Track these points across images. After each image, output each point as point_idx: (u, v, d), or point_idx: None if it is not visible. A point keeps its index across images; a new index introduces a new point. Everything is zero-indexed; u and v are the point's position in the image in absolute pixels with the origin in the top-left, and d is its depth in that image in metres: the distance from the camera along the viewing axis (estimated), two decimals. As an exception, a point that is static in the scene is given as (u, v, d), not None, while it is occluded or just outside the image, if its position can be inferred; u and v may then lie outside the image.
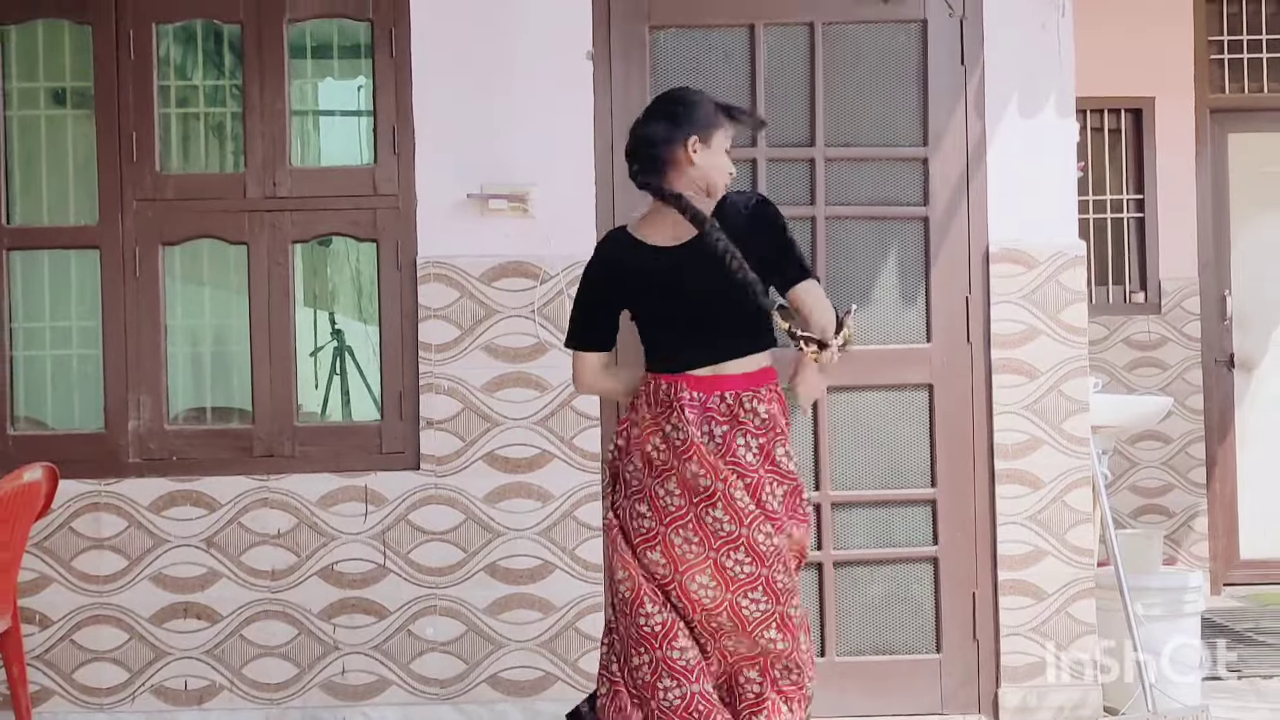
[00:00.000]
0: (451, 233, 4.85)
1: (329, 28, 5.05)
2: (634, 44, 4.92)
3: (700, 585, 3.46)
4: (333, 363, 5.54)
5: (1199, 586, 5.15)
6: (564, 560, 4.85)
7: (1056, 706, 4.89)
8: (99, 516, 4.82)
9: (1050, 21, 4.93)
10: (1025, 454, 4.92)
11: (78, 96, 5.05)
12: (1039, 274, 4.92)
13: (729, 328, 3.55)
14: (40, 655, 4.79)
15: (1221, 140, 7.51)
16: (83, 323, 4.99)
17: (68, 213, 5.03)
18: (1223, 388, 7.53)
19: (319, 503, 4.83)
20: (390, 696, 4.82)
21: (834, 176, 4.95)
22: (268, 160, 4.88)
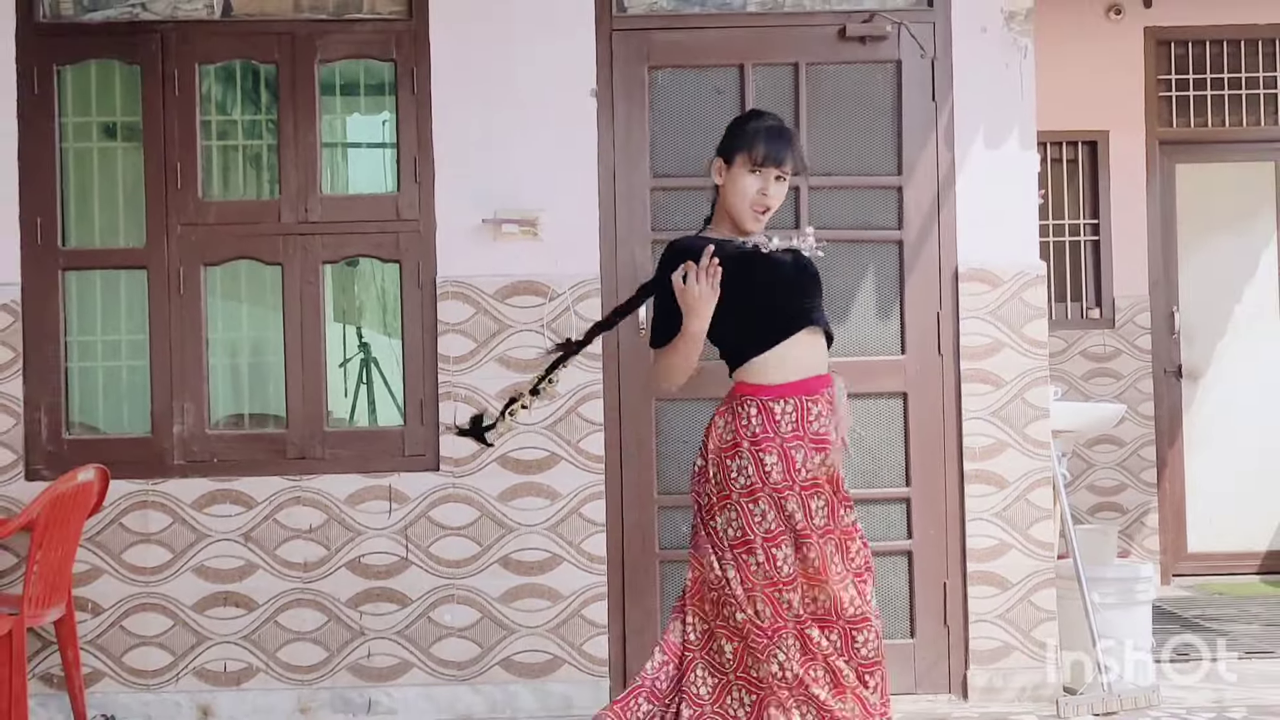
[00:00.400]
0: (468, 254, 4.86)
1: (356, 68, 5.05)
2: (635, 83, 4.94)
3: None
4: (360, 373, 5.52)
5: (1150, 577, 5.15)
6: (571, 553, 4.85)
7: (1020, 686, 4.88)
8: (146, 513, 4.82)
9: (1013, 62, 4.94)
10: (991, 456, 4.92)
11: (127, 130, 5.04)
12: (1004, 292, 4.93)
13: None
14: (92, 640, 4.79)
15: (1170, 170, 7.52)
16: (131, 336, 4.98)
17: (118, 236, 5.03)
18: (1171, 396, 7.53)
19: (347, 501, 4.84)
20: (412, 678, 4.82)
21: (816, 203, 4.96)
22: (300, 188, 4.89)
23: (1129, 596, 5.01)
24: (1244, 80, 7.49)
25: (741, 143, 3.29)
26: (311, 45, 4.90)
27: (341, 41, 4.92)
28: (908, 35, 4.94)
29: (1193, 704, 4.75)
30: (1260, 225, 7.55)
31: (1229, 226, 7.54)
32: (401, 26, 4.91)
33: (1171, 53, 7.50)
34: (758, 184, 3.27)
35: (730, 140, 3.33)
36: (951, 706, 4.84)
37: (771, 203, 3.29)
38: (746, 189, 3.28)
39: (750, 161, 3.26)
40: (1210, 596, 7.00)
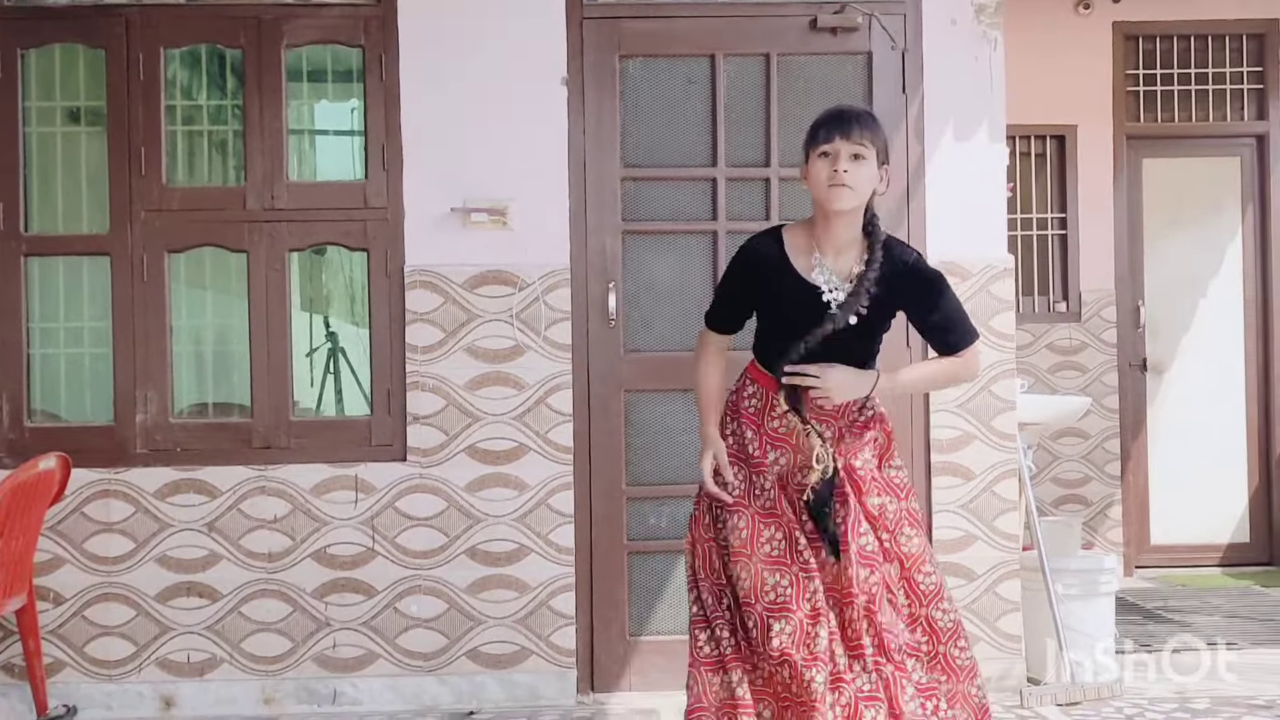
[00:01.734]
0: (436, 243, 4.86)
1: (323, 53, 5.03)
2: (605, 72, 4.94)
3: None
4: (326, 362, 5.50)
5: (1113, 569, 5.19)
6: (538, 544, 4.86)
7: (984, 677, 4.84)
8: (108, 502, 4.80)
9: (983, 55, 4.96)
10: (958, 448, 4.96)
11: (91, 115, 5.01)
12: (972, 285, 4.96)
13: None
14: (54, 630, 4.77)
15: (1137, 165, 7.58)
16: (94, 323, 4.96)
17: (81, 222, 5.00)
18: (1136, 389, 7.59)
19: (313, 491, 4.83)
20: (378, 669, 4.83)
21: (787, 194, 4.97)
22: (267, 175, 4.88)
23: (1092, 588, 5.05)
24: (1211, 75, 7.56)
25: (807, 137, 3.33)
26: (278, 30, 4.88)
27: (309, 26, 4.90)
28: (878, 27, 4.96)
29: (1155, 694, 4.79)
30: (1226, 220, 7.62)
31: (1195, 221, 7.61)
32: (370, 12, 4.89)
33: (1139, 47, 7.56)
34: (828, 165, 3.24)
35: (805, 140, 3.35)
36: (917, 697, 4.88)
37: (847, 179, 3.22)
38: (818, 174, 3.27)
39: (815, 147, 3.28)
40: (1173, 588, 7.07)
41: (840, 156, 3.22)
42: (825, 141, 3.24)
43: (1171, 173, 7.60)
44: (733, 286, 3.45)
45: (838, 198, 3.23)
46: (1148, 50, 7.57)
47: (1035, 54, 7.01)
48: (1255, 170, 7.59)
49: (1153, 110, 7.58)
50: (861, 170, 3.24)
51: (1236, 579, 7.28)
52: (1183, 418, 7.60)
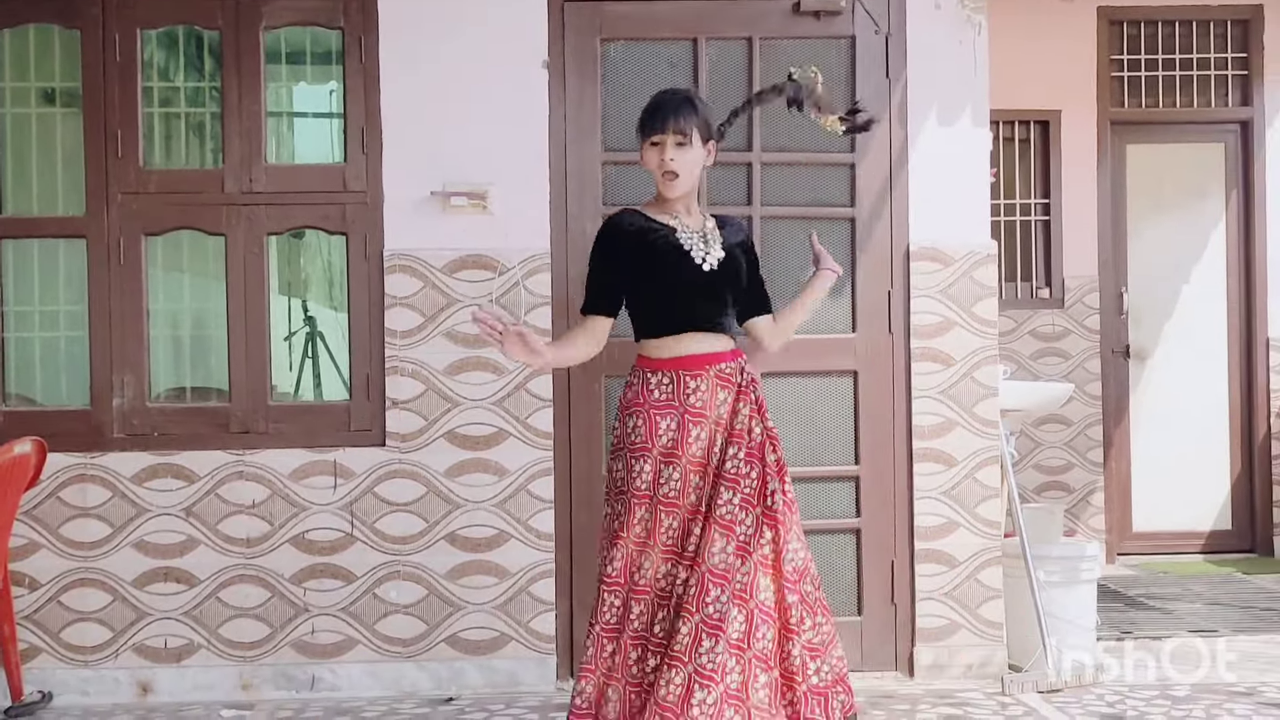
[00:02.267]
0: (416, 227, 4.84)
1: (302, 35, 5.01)
2: (587, 55, 4.93)
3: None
4: (305, 346, 5.49)
5: (1095, 556, 5.21)
6: (518, 530, 4.86)
7: (966, 664, 4.94)
8: (85, 487, 4.79)
9: (967, 39, 4.96)
10: (940, 435, 4.97)
11: (66, 96, 4.99)
12: (955, 271, 4.97)
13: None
14: (29, 615, 4.75)
15: (1121, 151, 7.60)
16: (70, 307, 4.94)
17: (56, 204, 4.98)
18: (1119, 376, 7.62)
19: (291, 476, 4.82)
20: (357, 655, 4.82)
21: (769, 180, 4.98)
22: (245, 158, 4.85)
23: (1074, 575, 5.07)
24: (1195, 61, 7.57)
25: (638, 126, 3.67)
26: (257, 11, 4.85)
27: (287, 8, 4.88)
28: (862, 11, 4.96)
29: (1136, 682, 4.82)
30: (1209, 206, 7.64)
31: (1179, 207, 7.64)
32: (349, -7, 4.87)
33: (1124, 32, 7.57)
34: (657, 155, 3.62)
35: (636, 126, 3.69)
36: (898, 684, 4.90)
37: (675, 168, 3.61)
38: (650, 162, 3.66)
39: (644, 137, 3.65)
40: (1155, 575, 7.11)
41: (666, 146, 3.60)
42: (652, 133, 3.61)
43: (1156, 159, 7.63)
44: (606, 262, 3.69)
45: (670, 185, 3.64)
46: (1132, 35, 7.58)
47: (1020, 38, 7.01)
48: (1239, 156, 7.61)
49: (1137, 96, 7.60)
50: (686, 155, 3.61)
51: (1219, 566, 7.32)
52: (1165, 404, 7.64)
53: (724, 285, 3.68)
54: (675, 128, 3.59)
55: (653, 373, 3.64)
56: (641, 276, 3.65)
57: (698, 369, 3.61)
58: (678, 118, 3.61)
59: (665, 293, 3.64)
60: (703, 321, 3.65)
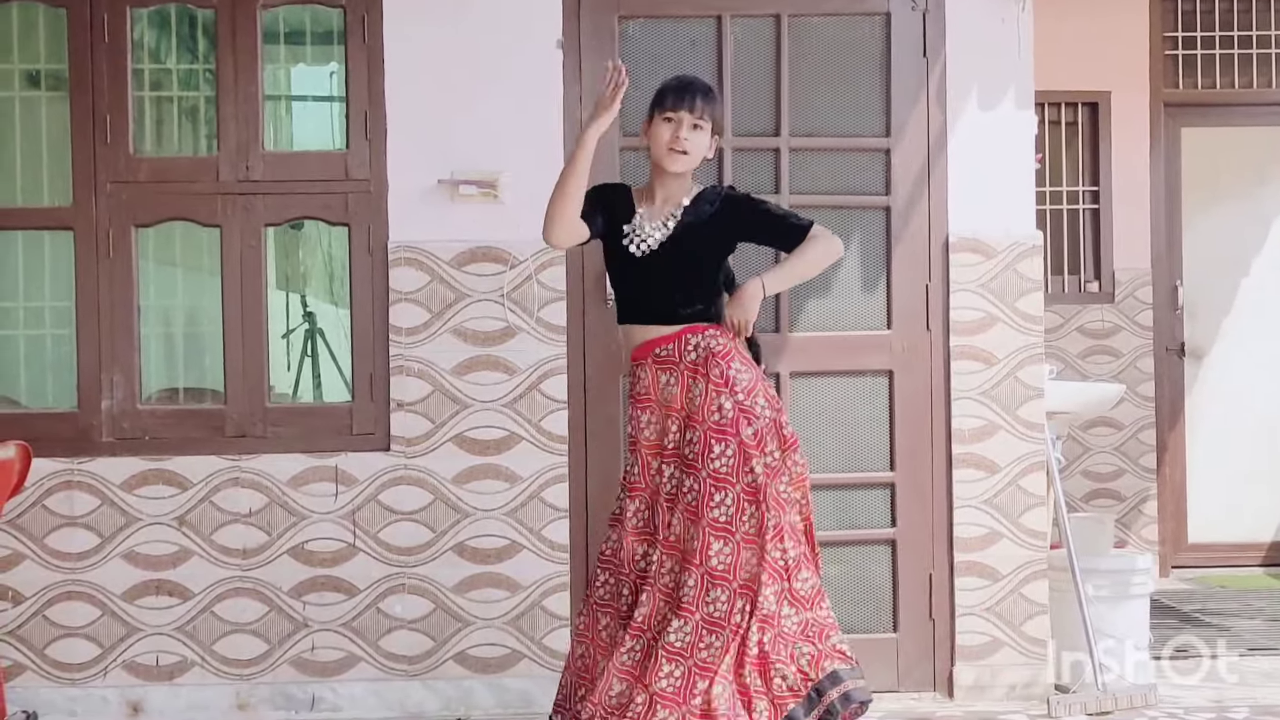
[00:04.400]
0: (422, 218, 4.84)
1: (302, 14, 5.01)
2: (603, 34, 4.90)
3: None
4: (304, 345, 5.51)
5: (1148, 569, 5.19)
6: (531, 540, 4.84)
7: (1009, 684, 4.91)
8: (72, 494, 4.79)
9: (1010, 15, 4.93)
10: (982, 439, 4.94)
11: (52, 79, 5.01)
12: (997, 263, 4.94)
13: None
14: (12, 631, 4.76)
15: (1175, 134, 7.58)
16: (56, 303, 4.95)
17: (42, 194, 5.00)
18: (1173, 376, 7.60)
19: (290, 482, 4.82)
20: (359, 673, 4.81)
21: (798, 166, 4.96)
22: (241, 144, 4.85)
23: (1125, 590, 5.05)
24: (1255, 39, 7.54)
25: (655, 99, 3.89)
26: (253, -12, 4.87)
27: (286, -16, 4.89)
28: (898, -15, 4.95)
29: (1191, 704, 4.78)
30: (1270, 194, 7.63)
31: (1237, 195, 7.62)
32: (352, -31, 4.88)
33: (1179, 8, 7.54)
34: (672, 129, 3.84)
35: (651, 101, 3.91)
36: (936, 705, 4.87)
37: (687, 146, 3.83)
38: (659, 136, 3.86)
39: (661, 111, 3.85)
40: (1211, 590, 7.08)
41: (683, 125, 3.83)
42: (672, 109, 3.84)
43: (1213, 142, 7.60)
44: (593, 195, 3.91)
45: (675, 161, 3.86)
46: (1187, 11, 7.55)
47: (1066, 15, 6.95)
48: (1303, 140, 7.57)
49: (1193, 75, 7.57)
50: (698, 139, 3.85)
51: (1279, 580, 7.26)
52: (1223, 406, 7.61)
53: (665, 267, 3.86)
54: (697, 109, 3.83)
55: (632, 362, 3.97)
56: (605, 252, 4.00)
57: (641, 358, 3.90)
58: (703, 101, 3.85)
59: (614, 284, 4.01)
60: (644, 312, 3.90)
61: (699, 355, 3.82)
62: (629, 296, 3.94)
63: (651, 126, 3.89)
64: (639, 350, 3.89)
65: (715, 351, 3.81)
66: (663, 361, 3.84)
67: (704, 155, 3.91)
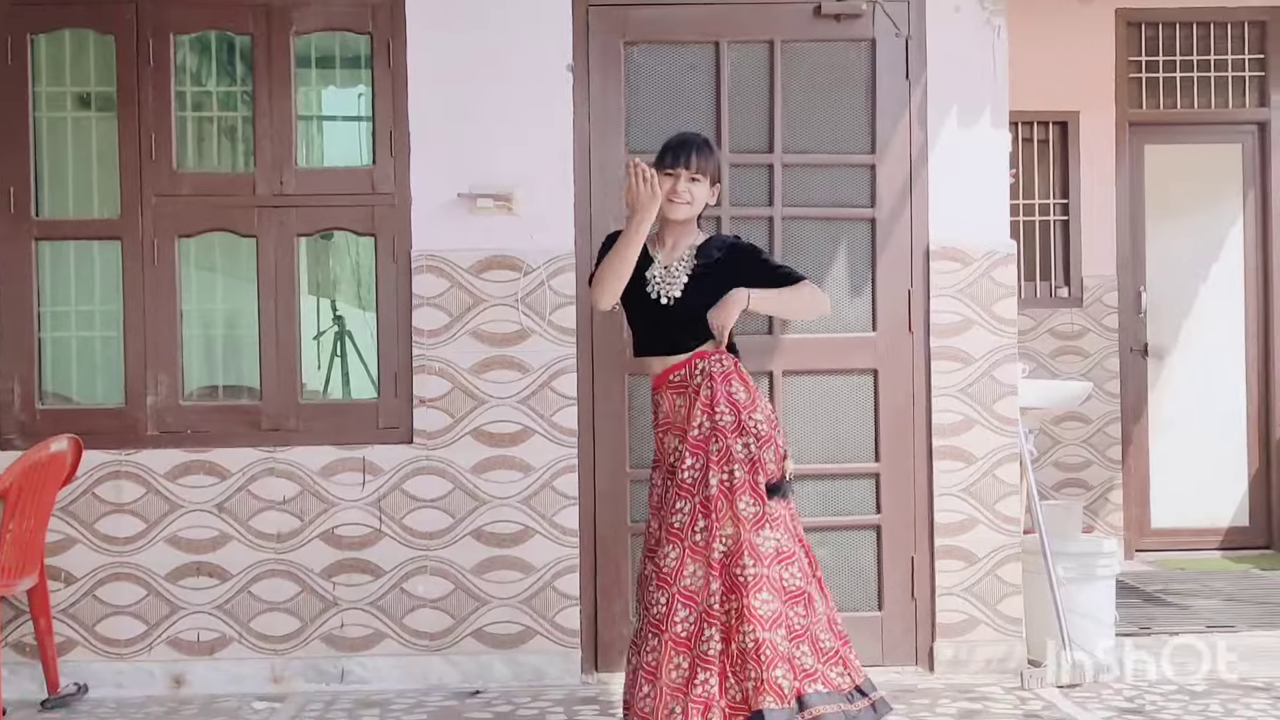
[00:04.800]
0: (443, 229, 4.88)
1: (332, 40, 5.05)
2: (611, 58, 4.96)
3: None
4: (334, 346, 5.52)
5: (1114, 552, 5.21)
6: (543, 526, 4.90)
7: (985, 659, 4.96)
8: (119, 484, 4.84)
9: (986, 42, 4.97)
10: (960, 432, 4.98)
11: (101, 100, 5.03)
12: (974, 270, 4.98)
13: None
14: (65, 609, 4.81)
15: (1139, 151, 7.57)
16: (105, 307, 4.98)
17: (92, 207, 5.03)
18: (1137, 374, 7.59)
19: (321, 472, 4.87)
20: (385, 648, 4.86)
21: (790, 180, 5.00)
22: (275, 161, 4.90)
23: (1093, 571, 5.07)
24: (1213, 62, 7.54)
25: (658, 156, 3.87)
26: (287, 17, 4.90)
27: (317, 13, 4.93)
28: (882, 14, 4.97)
29: (1154, 677, 4.82)
30: (1227, 206, 7.62)
31: (1196, 207, 7.61)
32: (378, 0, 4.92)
33: (1142, 34, 7.54)
34: (671, 183, 3.82)
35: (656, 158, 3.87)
36: (918, 678, 4.92)
37: (686, 197, 3.83)
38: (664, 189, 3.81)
39: (662, 168, 3.83)
40: (1172, 572, 7.09)
41: (681, 178, 3.82)
42: (670, 166, 3.84)
43: (1173, 159, 7.60)
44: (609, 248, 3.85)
45: (678, 210, 3.84)
46: (1150, 37, 7.55)
47: (1038, 40, 6.96)
48: (1256, 157, 7.59)
49: (1155, 97, 7.57)
50: (697, 190, 3.84)
51: (1236, 563, 7.29)
52: (1183, 402, 7.61)
53: (685, 313, 3.83)
54: (694, 165, 3.83)
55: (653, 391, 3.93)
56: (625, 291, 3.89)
57: (660, 386, 3.88)
58: (699, 157, 3.86)
59: (634, 321, 3.94)
60: (664, 347, 3.87)
61: (703, 378, 3.79)
62: (650, 334, 3.88)
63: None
64: (658, 380, 3.86)
65: (714, 374, 3.77)
66: (676, 386, 3.82)
67: (706, 202, 3.90)
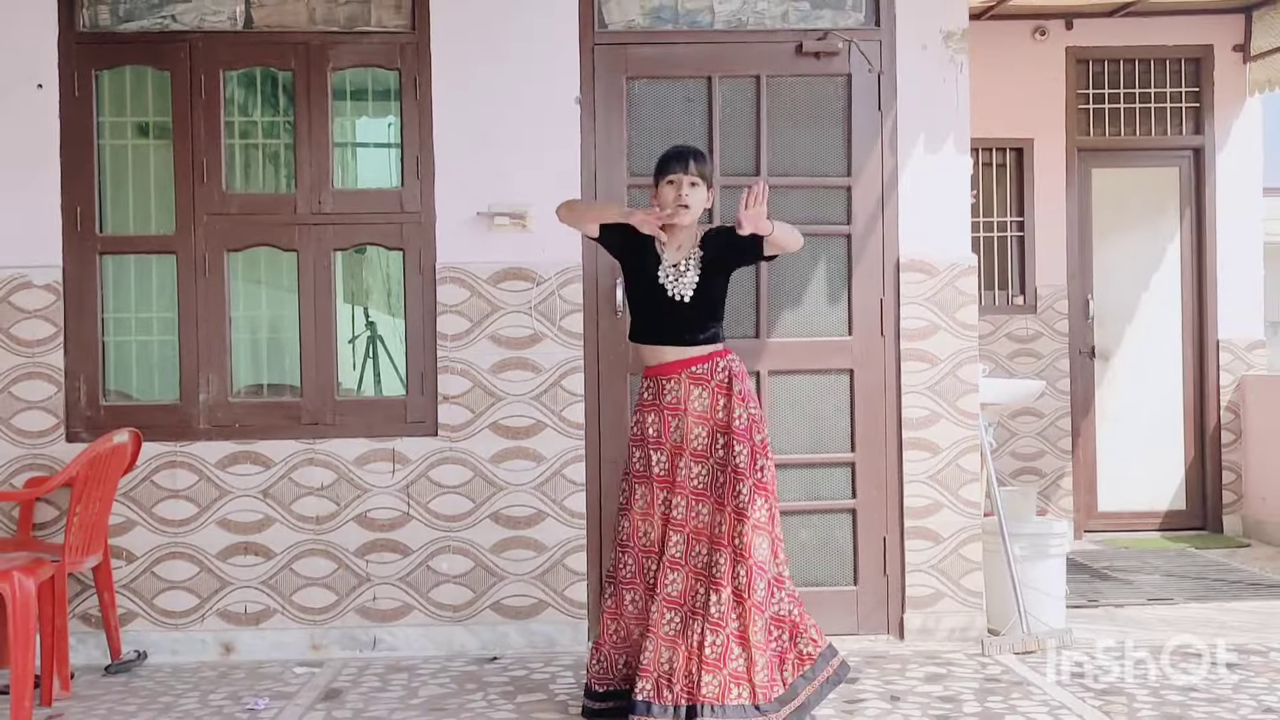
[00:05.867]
0: (464, 243, 4.84)
1: (365, 75, 5.01)
2: (614, 91, 4.92)
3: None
4: (366, 348, 5.49)
5: (1064, 533, 5.18)
6: (554, 509, 4.86)
7: (949, 628, 4.92)
8: (175, 472, 4.81)
9: (950, 77, 4.94)
10: (927, 426, 4.94)
11: (159, 129, 4.99)
12: (939, 280, 4.94)
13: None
14: (126, 585, 4.78)
15: (1087, 174, 7.56)
16: (162, 314, 4.95)
17: (150, 224, 4.99)
18: (1085, 373, 7.58)
19: (355, 462, 4.83)
20: (412, 619, 4.83)
21: (775, 200, 4.83)
22: (314, 183, 4.87)
23: (1046, 550, 5.04)
24: (1153, 95, 7.51)
25: (658, 167, 3.91)
26: (324, 55, 4.87)
27: (351, 52, 4.89)
28: (857, 52, 4.94)
29: (1100, 644, 4.78)
30: (1165, 223, 7.59)
31: (1138, 224, 7.58)
32: (406, 39, 4.87)
33: (1090, 69, 7.52)
34: (674, 190, 3.84)
35: (655, 170, 3.92)
36: (889, 645, 4.88)
37: (688, 202, 3.83)
38: (665, 197, 3.87)
39: (663, 177, 3.87)
40: (1117, 550, 7.06)
41: (682, 185, 3.83)
42: (671, 174, 3.85)
43: (1118, 181, 7.58)
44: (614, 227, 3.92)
45: (682, 215, 3.84)
46: (1097, 72, 7.53)
47: (997, 75, 7.01)
48: (1192, 179, 7.55)
49: (1101, 125, 7.54)
50: (696, 194, 3.85)
51: (1174, 542, 7.26)
52: (1127, 398, 7.59)
53: (699, 305, 3.85)
54: (692, 170, 3.84)
55: (642, 378, 3.93)
56: (627, 282, 3.97)
57: (672, 373, 3.84)
58: (695, 162, 3.85)
59: (642, 313, 3.91)
60: (675, 338, 3.86)
61: (726, 376, 3.82)
62: (662, 325, 3.86)
63: (658, 191, 3.88)
64: (669, 367, 3.84)
65: (735, 373, 3.83)
66: (697, 378, 3.81)
67: (704, 206, 3.89)
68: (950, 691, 4.25)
